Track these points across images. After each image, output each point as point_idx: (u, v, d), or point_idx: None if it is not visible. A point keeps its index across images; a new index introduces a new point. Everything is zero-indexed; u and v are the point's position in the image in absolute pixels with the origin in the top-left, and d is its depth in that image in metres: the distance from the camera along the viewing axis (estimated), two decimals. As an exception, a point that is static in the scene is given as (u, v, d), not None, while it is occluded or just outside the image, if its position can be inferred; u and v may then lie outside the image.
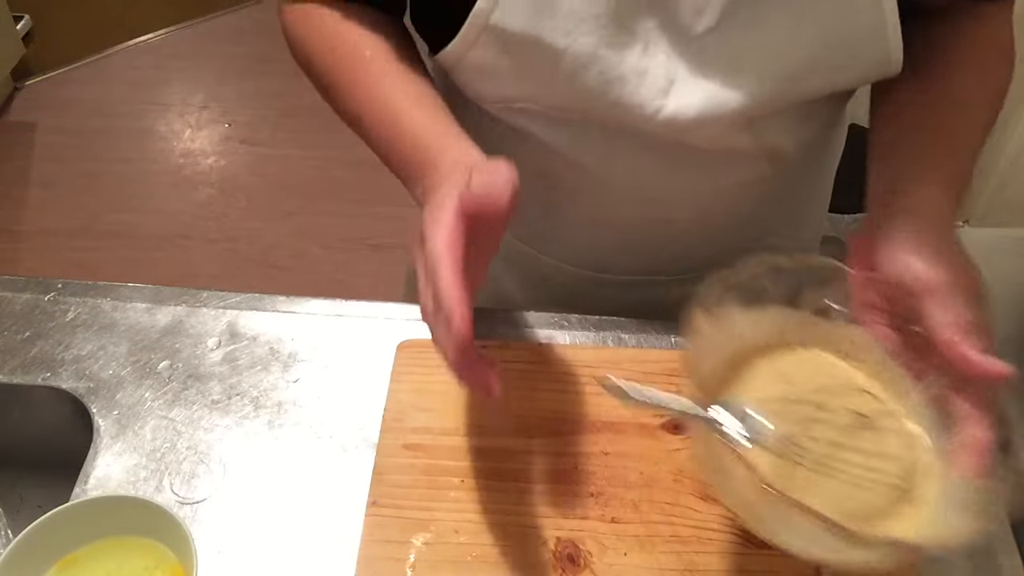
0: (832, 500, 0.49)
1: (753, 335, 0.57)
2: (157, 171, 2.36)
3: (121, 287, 0.76)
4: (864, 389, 0.56)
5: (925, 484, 0.52)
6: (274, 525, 0.61)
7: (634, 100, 0.63)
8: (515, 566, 0.58)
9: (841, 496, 0.50)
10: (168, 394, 0.69)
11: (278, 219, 2.23)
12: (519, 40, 0.61)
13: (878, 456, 0.52)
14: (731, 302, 0.55)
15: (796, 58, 0.61)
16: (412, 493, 0.62)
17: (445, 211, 0.49)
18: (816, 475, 0.51)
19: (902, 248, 0.55)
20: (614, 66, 0.62)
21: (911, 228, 0.56)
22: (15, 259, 2.13)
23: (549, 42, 0.61)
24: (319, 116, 2.48)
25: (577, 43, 0.61)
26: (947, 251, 0.55)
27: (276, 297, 0.76)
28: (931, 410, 0.53)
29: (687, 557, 0.59)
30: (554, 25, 0.60)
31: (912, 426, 0.54)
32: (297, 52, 0.71)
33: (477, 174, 0.51)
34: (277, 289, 0.77)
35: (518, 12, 0.60)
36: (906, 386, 0.55)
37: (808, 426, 0.53)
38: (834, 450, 0.52)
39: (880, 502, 0.51)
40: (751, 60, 0.61)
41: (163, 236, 2.19)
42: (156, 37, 2.79)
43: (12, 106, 2.51)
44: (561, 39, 0.61)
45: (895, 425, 0.55)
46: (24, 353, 0.71)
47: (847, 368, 0.57)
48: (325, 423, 0.67)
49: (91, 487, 0.63)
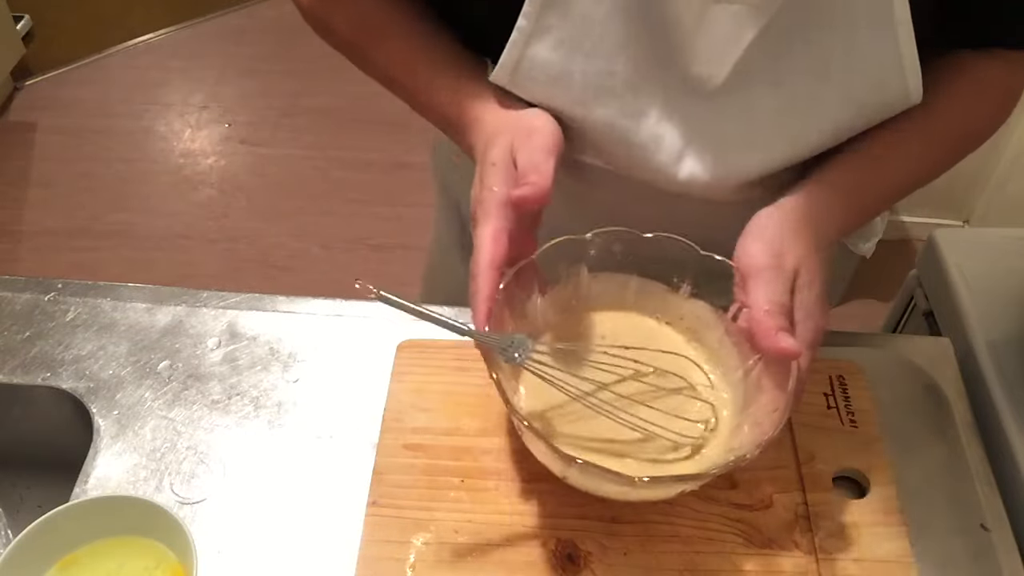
0: (595, 434, 0.58)
1: (595, 295, 0.64)
2: (157, 171, 2.36)
3: (121, 287, 0.76)
4: (691, 359, 0.62)
5: (708, 446, 0.59)
6: (274, 525, 0.61)
7: (651, 165, 0.64)
8: (515, 566, 0.58)
9: (607, 433, 0.58)
10: (168, 394, 0.69)
11: (278, 219, 2.23)
12: (538, 103, 0.63)
13: (668, 417, 0.58)
14: (579, 264, 0.62)
15: (815, 117, 0.61)
16: (412, 493, 0.62)
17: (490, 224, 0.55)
18: (593, 413, 0.58)
19: (748, 234, 0.59)
20: (632, 134, 0.62)
21: (765, 217, 0.59)
22: (15, 259, 2.13)
23: (567, 112, 0.62)
24: (319, 116, 2.50)
25: (594, 114, 0.62)
26: (790, 240, 0.58)
27: (276, 297, 0.76)
28: (747, 384, 0.59)
29: (687, 557, 0.59)
30: (571, 97, 0.62)
31: (724, 397, 0.61)
32: (318, 24, 0.70)
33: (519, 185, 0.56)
34: (277, 289, 0.77)
35: (535, 82, 0.62)
36: (736, 362, 0.60)
37: (606, 375, 0.59)
38: (626, 403, 0.58)
39: (657, 452, 0.58)
40: (767, 120, 0.61)
41: (163, 236, 2.18)
42: (156, 37, 2.79)
43: (12, 106, 2.51)
44: (579, 110, 0.62)
45: (708, 395, 0.61)
46: (24, 353, 0.71)
47: (671, 334, 0.64)
48: (325, 423, 0.67)
49: (91, 487, 0.63)
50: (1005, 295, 0.80)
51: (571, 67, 0.60)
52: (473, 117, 0.64)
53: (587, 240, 0.61)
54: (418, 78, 0.67)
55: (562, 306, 0.64)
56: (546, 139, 0.59)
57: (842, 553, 0.59)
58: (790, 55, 0.58)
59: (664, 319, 0.65)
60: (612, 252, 0.62)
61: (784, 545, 0.60)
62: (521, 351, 0.56)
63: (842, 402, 0.68)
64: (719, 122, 0.62)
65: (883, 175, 0.65)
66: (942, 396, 0.70)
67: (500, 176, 0.57)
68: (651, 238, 0.61)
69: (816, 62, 0.59)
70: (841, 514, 0.61)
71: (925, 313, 0.89)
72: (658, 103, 0.61)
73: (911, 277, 0.94)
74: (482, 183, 0.58)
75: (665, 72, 0.60)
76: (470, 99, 0.64)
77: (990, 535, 0.62)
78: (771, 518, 0.61)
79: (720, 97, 0.60)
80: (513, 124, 0.61)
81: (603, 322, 0.64)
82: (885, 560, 0.59)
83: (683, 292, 0.63)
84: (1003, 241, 0.86)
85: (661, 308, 0.65)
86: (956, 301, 0.81)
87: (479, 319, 0.54)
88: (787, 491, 0.62)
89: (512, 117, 0.62)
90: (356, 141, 2.35)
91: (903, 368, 0.72)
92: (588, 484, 0.56)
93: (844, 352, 0.71)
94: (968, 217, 2.00)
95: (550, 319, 0.63)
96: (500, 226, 0.55)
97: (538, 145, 0.58)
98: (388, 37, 0.68)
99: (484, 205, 0.57)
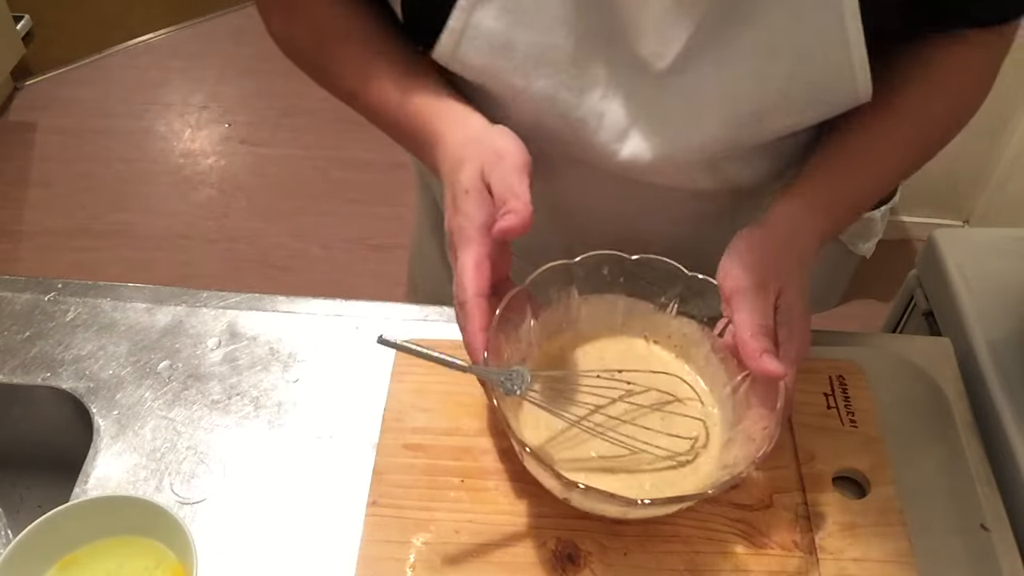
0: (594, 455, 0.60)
1: (585, 317, 0.65)
2: (157, 171, 2.36)
3: (121, 287, 0.76)
4: (680, 377, 0.64)
5: (700, 461, 0.60)
6: (274, 525, 0.61)
7: (592, 142, 0.63)
8: (515, 566, 0.58)
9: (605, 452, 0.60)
10: (168, 394, 0.69)
11: (278, 219, 2.23)
12: (480, 74, 0.62)
13: (661, 435, 0.60)
14: (569, 287, 0.63)
15: (761, 98, 0.60)
16: (412, 493, 0.62)
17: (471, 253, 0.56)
18: (589, 435, 0.60)
19: (731, 254, 0.60)
20: (573, 108, 0.62)
21: (746, 237, 0.60)
22: (15, 259, 2.13)
23: (508, 81, 0.61)
24: (319, 116, 2.50)
25: (534, 85, 0.61)
26: (772, 260, 0.59)
27: (276, 297, 0.76)
28: (736, 401, 0.60)
29: (687, 557, 0.59)
30: (512, 66, 0.60)
31: (714, 413, 0.62)
32: (287, 46, 0.70)
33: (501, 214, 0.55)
34: (277, 289, 0.77)
35: (479, 50, 0.60)
36: (724, 379, 0.62)
37: (600, 398, 0.61)
38: (621, 424, 0.60)
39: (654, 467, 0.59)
40: (713, 101, 0.61)
41: (163, 236, 2.18)
42: (156, 37, 2.79)
43: (12, 106, 2.51)
44: (519, 80, 0.61)
45: (697, 411, 0.62)
46: (24, 353, 0.71)
47: (660, 352, 0.66)
48: (325, 423, 0.67)
49: (91, 487, 0.63)
50: (1005, 295, 0.80)
51: (513, 37, 0.59)
52: (436, 133, 0.63)
53: (576, 264, 0.62)
54: (379, 92, 0.66)
55: (554, 329, 0.65)
56: (516, 160, 0.58)
57: (842, 553, 0.59)
58: (736, 37, 0.58)
59: (653, 338, 0.66)
60: (601, 274, 0.63)
61: (784, 545, 0.60)
62: (519, 383, 0.57)
63: (842, 402, 0.68)
64: (664, 101, 0.61)
65: (864, 174, 0.65)
66: (942, 396, 0.70)
67: (475, 202, 0.57)
68: (638, 259, 0.63)
69: (762, 44, 0.58)
70: (841, 514, 0.61)
71: (925, 313, 0.89)
72: (602, 80, 0.61)
73: (911, 277, 0.94)
74: (457, 210, 0.58)
75: (610, 49, 0.60)
76: (433, 114, 0.63)
77: (990, 535, 0.62)
78: (771, 518, 0.61)
79: (666, 77, 0.60)
80: (480, 147, 0.59)
81: (594, 345, 0.66)
82: (885, 560, 0.59)
83: (670, 310, 0.65)
84: (1003, 241, 0.86)
85: (649, 327, 0.66)
86: (956, 301, 0.81)
87: (476, 349, 0.55)
88: (787, 491, 0.62)
89: (476, 138, 0.60)
90: (356, 141, 2.35)
91: (903, 368, 0.72)
92: (590, 505, 0.57)
93: (844, 352, 0.71)
94: (968, 217, 1.99)
95: (542, 342, 0.64)
96: (482, 253, 0.56)
97: (510, 167, 0.57)
98: (348, 47, 0.67)
99: (463, 232, 0.56)
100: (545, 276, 0.62)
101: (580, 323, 0.66)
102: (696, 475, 0.59)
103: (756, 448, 0.54)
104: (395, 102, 0.65)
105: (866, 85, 0.60)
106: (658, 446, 0.59)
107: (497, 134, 0.60)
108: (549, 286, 0.63)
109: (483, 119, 0.62)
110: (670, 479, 0.59)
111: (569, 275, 0.63)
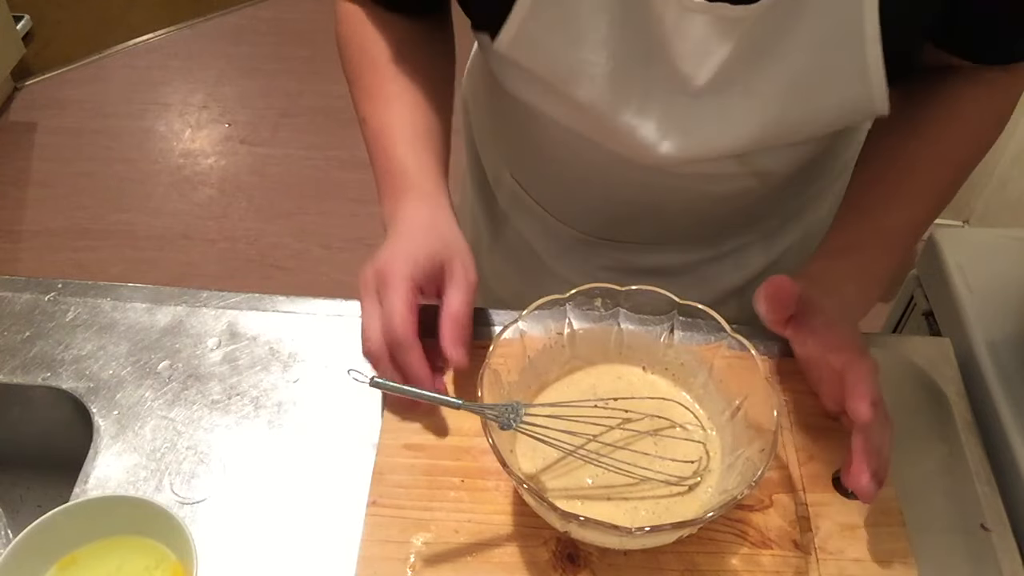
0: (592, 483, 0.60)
1: (581, 349, 0.66)
2: (157, 171, 2.36)
3: (121, 287, 0.76)
4: (679, 403, 0.64)
5: (703, 484, 0.60)
6: (274, 525, 0.61)
7: (626, 146, 0.67)
8: (515, 566, 0.58)
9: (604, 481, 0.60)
10: (168, 394, 0.69)
11: (278, 219, 2.23)
12: (529, 72, 0.66)
13: (662, 460, 0.60)
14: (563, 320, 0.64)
15: (786, 119, 0.65)
16: (412, 493, 0.62)
17: (400, 300, 0.61)
18: (587, 464, 0.60)
19: (818, 327, 0.63)
20: (608, 120, 0.66)
21: (829, 308, 0.64)
22: (15, 259, 2.13)
23: (555, 85, 0.65)
24: (319, 116, 2.50)
25: (577, 94, 0.65)
26: (850, 329, 0.64)
27: (276, 297, 0.76)
28: (735, 425, 0.61)
29: (687, 557, 0.59)
30: (558, 75, 0.65)
31: (713, 437, 0.63)
32: (341, 52, 0.76)
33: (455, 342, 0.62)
34: (277, 289, 0.77)
35: (529, 55, 0.65)
36: (722, 405, 0.62)
37: (597, 427, 0.61)
38: (619, 451, 0.61)
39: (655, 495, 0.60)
40: (741, 119, 0.64)
41: (163, 236, 2.18)
42: (156, 37, 2.79)
43: (12, 106, 2.51)
44: (563, 87, 0.65)
45: (697, 436, 0.62)
46: (24, 353, 0.71)
47: (657, 380, 0.66)
48: (325, 423, 0.67)
49: (91, 487, 0.63)
50: (1005, 295, 0.80)
51: (558, 51, 0.63)
52: (407, 186, 0.68)
53: (570, 297, 0.63)
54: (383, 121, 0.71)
55: (549, 361, 0.65)
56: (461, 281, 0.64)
57: (842, 553, 0.59)
58: (763, 68, 0.62)
59: (649, 368, 0.67)
60: (594, 306, 0.65)
61: (784, 545, 0.60)
62: (515, 417, 0.58)
63: (842, 402, 0.68)
64: (695, 115, 0.65)
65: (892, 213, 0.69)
66: (942, 396, 0.70)
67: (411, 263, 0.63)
68: (632, 291, 0.64)
69: (786, 77, 0.62)
70: (841, 514, 0.61)
71: (925, 313, 0.89)
72: (636, 98, 0.65)
73: (911, 277, 0.94)
74: (392, 255, 0.63)
75: (647, 70, 0.63)
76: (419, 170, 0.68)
77: (990, 535, 0.62)
78: (771, 518, 0.61)
79: (700, 97, 0.63)
80: (439, 242, 0.65)
81: (592, 375, 0.66)
82: (885, 560, 0.59)
83: (664, 339, 0.65)
84: (1003, 241, 0.86)
85: (646, 357, 0.66)
86: (956, 301, 0.81)
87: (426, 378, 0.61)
88: (787, 491, 0.62)
89: (435, 231, 0.66)
90: (356, 141, 2.32)
91: (903, 368, 0.72)
92: (589, 536, 0.56)
93: (844, 352, 0.71)
94: (968, 217, 1.99)
95: (538, 376, 0.64)
96: (411, 298, 0.61)
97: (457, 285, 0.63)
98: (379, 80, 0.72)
99: (390, 277, 0.62)
100: (541, 309, 0.63)
101: (576, 355, 0.66)
102: (697, 500, 0.59)
103: (755, 470, 0.54)
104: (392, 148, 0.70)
105: (883, 102, 0.64)
106: (660, 471, 0.59)
107: (452, 238, 0.66)
108: (546, 319, 0.63)
109: (443, 196, 0.68)
110: (670, 505, 0.59)
111: (563, 308, 0.64)
